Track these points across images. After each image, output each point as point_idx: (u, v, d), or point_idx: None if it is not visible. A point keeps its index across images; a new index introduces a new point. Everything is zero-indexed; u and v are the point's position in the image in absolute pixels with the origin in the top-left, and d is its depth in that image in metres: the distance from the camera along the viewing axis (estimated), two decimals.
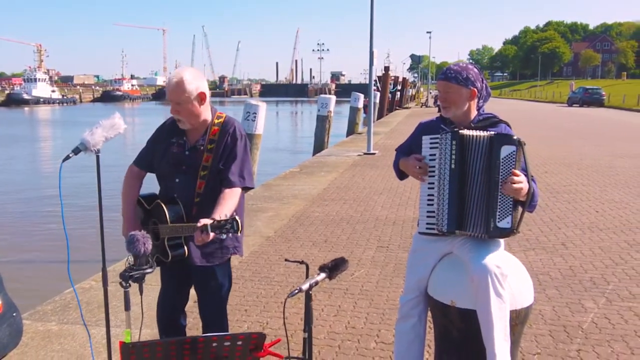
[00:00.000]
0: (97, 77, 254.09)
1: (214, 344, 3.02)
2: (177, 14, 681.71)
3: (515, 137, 4.14)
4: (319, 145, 27.93)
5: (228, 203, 4.31)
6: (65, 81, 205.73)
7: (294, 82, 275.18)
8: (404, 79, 77.91)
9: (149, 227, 4.44)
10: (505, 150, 4.11)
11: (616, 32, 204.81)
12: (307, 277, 5.09)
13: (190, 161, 4.45)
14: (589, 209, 12.49)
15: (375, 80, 67.30)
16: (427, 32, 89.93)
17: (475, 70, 4.47)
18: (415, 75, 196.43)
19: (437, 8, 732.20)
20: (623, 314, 6.85)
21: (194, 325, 6.19)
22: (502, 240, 4.44)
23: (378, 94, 43.87)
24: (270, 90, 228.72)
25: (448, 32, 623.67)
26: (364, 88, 78.93)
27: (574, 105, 70.32)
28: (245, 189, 4.56)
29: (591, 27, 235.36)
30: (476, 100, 4.47)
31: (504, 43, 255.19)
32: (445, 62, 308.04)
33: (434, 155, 4.39)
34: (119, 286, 7.68)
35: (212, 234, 3.95)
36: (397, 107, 66.05)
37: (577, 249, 9.41)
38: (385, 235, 10.51)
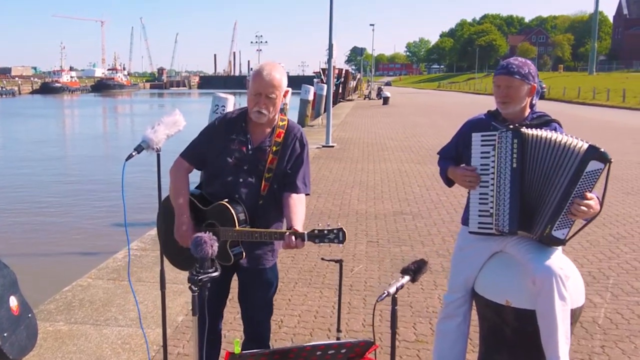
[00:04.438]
0: (35, 68, 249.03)
1: (318, 353, 2.90)
2: (115, 6, 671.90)
3: (604, 152, 3.99)
4: None
5: (301, 211, 4.31)
6: (2, 73, 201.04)
7: (233, 74, 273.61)
8: (346, 71, 77.88)
9: (203, 229, 4.24)
10: (593, 165, 3.98)
11: (551, 25, 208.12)
12: (341, 274, 5.02)
13: (254, 161, 4.29)
14: None
15: (319, 73, 67.46)
16: (370, 25, 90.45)
17: (533, 65, 4.39)
18: (354, 67, 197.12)
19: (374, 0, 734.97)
20: (633, 308, 6.91)
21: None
22: None
23: (325, 86, 43.60)
24: (208, 82, 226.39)
25: (384, 25, 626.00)
26: (303, 80, 78.83)
27: None
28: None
29: (527, 20, 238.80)
30: (532, 97, 4.38)
31: (440, 36, 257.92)
32: (382, 55, 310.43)
33: (487, 153, 4.29)
34: (117, 282, 7.61)
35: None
36: (341, 100, 66.03)
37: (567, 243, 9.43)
38: (371, 229, 10.45)
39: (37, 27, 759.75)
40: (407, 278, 3.72)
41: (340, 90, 65.94)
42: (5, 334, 4.97)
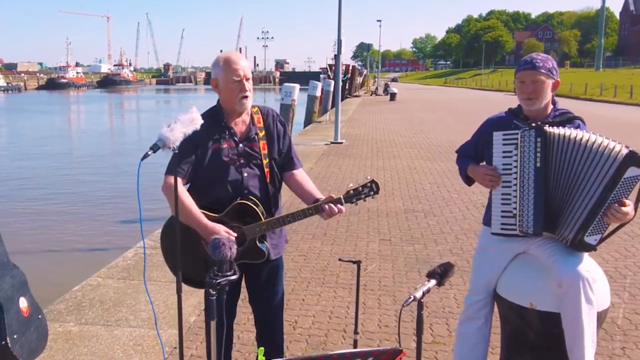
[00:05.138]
0: (41, 64, 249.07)
1: None
2: (121, 1, 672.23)
3: None
4: None
5: (311, 182, 4.40)
6: (8, 68, 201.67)
7: None
8: (353, 67, 77.61)
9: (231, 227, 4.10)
10: (632, 171, 3.84)
11: (557, 22, 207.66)
12: (358, 275, 4.88)
13: (249, 152, 4.19)
14: None
15: (326, 68, 67.22)
16: (378, 21, 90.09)
17: (554, 60, 4.27)
18: (360, 62, 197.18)
19: None
20: None
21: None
22: None
23: (332, 82, 43.48)
24: None
25: (391, 21, 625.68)
26: (309, 76, 78.33)
27: None
28: None
29: (533, 16, 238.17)
30: (554, 93, 4.27)
31: (447, 32, 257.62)
32: (389, 51, 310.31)
33: (509, 152, 4.17)
34: (127, 282, 7.50)
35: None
36: (348, 96, 65.85)
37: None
38: (383, 227, 10.31)
39: (42, 23, 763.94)
40: (433, 282, 3.55)
41: (346, 87, 65.81)
42: (15, 336, 4.87)
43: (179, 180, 4.01)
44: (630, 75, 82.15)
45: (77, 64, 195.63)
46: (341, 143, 22.99)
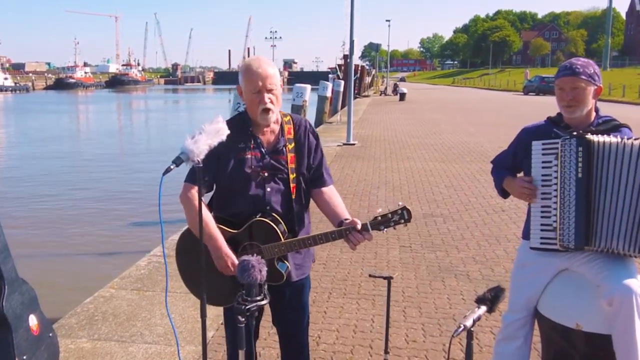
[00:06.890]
0: (49, 64, 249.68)
1: None
2: (129, 1, 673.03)
3: None
4: None
5: (341, 202, 4.03)
6: (16, 68, 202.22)
7: None
8: (362, 67, 77.31)
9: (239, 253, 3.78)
10: None
11: (564, 21, 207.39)
12: (389, 291, 4.62)
13: (274, 165, 3.88)
14: None
15: (335, 68, 66.99)
16: (387, 21, 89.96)
17: (596, 65, 4.01)
18: (368, 62, 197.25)
19: None
20: None
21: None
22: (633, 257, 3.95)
23: (342, 82, 43.25)
24: (223, 78, 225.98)
25: (398, 20, 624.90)
26: (318, 76, 77.95)
27: (530, 93, 70.15)
28: None
29: (540, 16, 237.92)
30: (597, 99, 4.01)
31: (454, 31, 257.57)
32: (396, 50, 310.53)
33: (549, 162, 3.94)
34: (141, 293, 7.21)
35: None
36: (357, 96, 65.58)
37: None
38: (403, 233, 9.99)
39: (50, 23, 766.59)
40: (484, 308, 3.27)
41: (356, 87, 65.56)
42: (24, 357, 4.61)
43: (195, 190, 3.77)
44: (636, 74, 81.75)
45: (85, 64, 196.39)
46: (354, 144, 22.71)
